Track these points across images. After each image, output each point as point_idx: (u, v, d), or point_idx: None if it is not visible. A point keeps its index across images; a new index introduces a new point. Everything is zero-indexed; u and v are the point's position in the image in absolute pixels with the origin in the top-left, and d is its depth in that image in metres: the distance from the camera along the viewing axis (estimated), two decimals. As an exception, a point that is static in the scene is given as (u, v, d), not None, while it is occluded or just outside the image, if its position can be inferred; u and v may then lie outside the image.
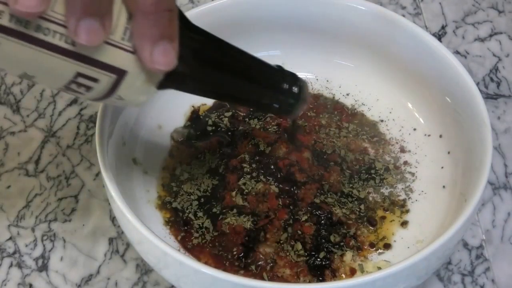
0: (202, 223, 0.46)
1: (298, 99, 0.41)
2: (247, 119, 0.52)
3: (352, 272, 0.44)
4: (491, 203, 0.52)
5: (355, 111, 0.53)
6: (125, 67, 0.32)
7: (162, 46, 0.31)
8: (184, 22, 0.34)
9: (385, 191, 0.48)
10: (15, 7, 0.27)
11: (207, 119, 0.52)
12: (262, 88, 0.40)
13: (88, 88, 0.32)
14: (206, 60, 0.36)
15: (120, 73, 0.32)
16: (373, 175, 0.49)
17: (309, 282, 0.43)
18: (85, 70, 0.31)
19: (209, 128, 0.52)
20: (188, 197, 0.47)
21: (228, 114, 0.52)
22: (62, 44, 0.29)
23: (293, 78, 0.41)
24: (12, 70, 0.30)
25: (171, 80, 0.34)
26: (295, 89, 0.41)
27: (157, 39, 0.31)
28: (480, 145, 0.43)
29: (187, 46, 0.34)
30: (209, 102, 0.53)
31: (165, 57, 0.31)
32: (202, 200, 0.47)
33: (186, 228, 0.46)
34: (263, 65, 0.40)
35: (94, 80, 0.31)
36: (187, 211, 0.47)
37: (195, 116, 0.53)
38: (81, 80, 0.31)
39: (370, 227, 0.46)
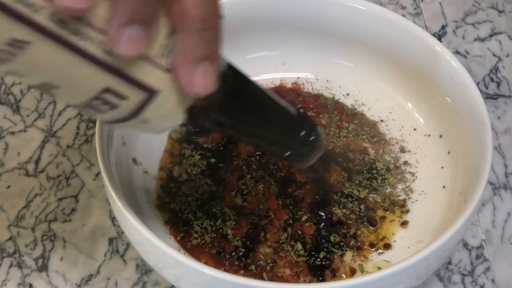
0: (202, 223, 0.46)
1: (313, 148, 0.38)
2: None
3: (352, 272, 0.44)
4: (491, 203, 0.52)
5: (355, 111, 0.53)
6: (159, 86, 0.29)
7: (203, 67, 0.28)
8: None
9: (385, 191, 0.48)
10: (60, 1, 0.23)
11: None
12: (280, 133, 0.37)
13: (113, 106, 0.29)
14: (236, 96, 0.34)
15: (151, 92, 0.29)
16: (375, 175, 0.49)
17: (309, 282, 0.43)
18: (116, 85, 0.27)
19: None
20: (187, 198, 0.47)
21: None
22: (97, 52, 0.26)
23: (311, 125, 0.38)
24: (33, 77, 0.26)
25: (197, 109, 0.31)
26: (312, 138, 0.37)
27: (199, 59, 0.28)
28: (480, 145, 0.43)
29: (221, 77, 0.31)
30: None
31: (204, 79, 0.29)
32: (201, 201, 0.47)
33: (185, 228, 0.46)
34: (285, 110, 0.37)
35: (123, 97, 0.28)
36: (186, 211, 0.47)
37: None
38: (107, 96, 0.28)
39: (370, 227, 0.46)
